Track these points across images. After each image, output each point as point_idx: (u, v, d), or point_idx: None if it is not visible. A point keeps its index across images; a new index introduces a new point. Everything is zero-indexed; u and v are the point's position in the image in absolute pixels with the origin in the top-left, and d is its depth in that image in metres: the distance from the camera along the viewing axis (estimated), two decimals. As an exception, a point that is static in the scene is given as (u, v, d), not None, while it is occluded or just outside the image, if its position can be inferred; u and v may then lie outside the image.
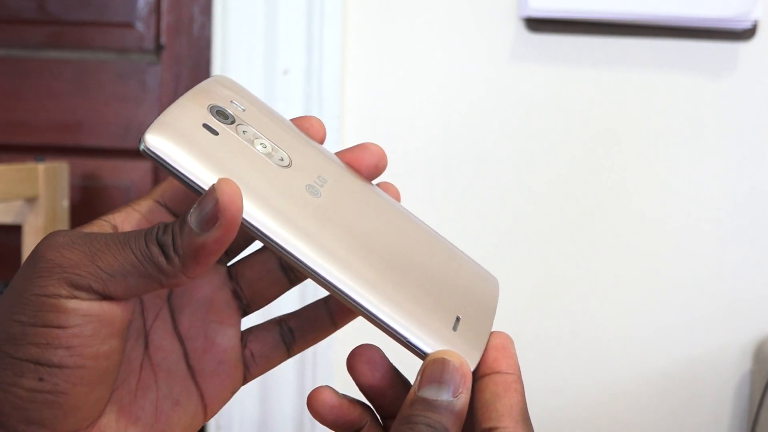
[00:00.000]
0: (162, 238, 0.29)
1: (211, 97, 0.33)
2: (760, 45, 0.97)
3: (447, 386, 0.29)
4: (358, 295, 0.30)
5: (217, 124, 0.32)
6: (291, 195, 0.32)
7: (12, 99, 1.26)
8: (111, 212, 0.33)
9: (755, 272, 1.00)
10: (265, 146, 0.33)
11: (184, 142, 0.30)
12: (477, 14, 0.97)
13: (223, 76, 0.35)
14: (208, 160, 0.30)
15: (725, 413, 1.02)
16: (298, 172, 0.33)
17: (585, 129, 0.99)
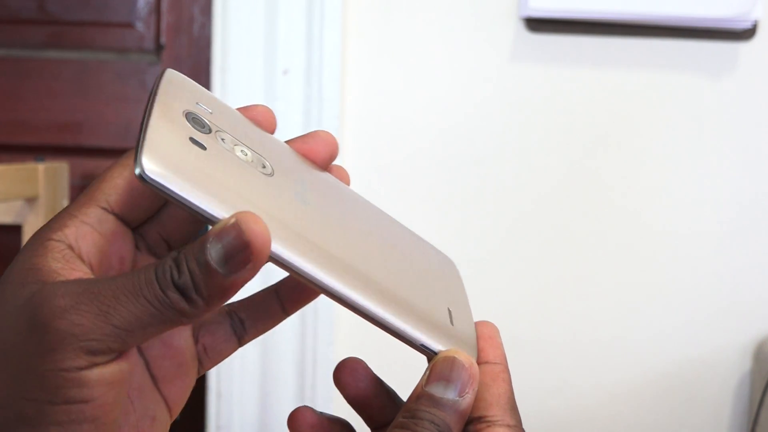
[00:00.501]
0: (180, 281, 0.27)
1: (180, 102, 0.31)
2: (760, 45, 0.97)
3: (454, 385, 0.30)
4: (370, 305, 0.30)
5: (201, 136, 0.30)
6: (292, 211, 0.30)
7: (12, 99, 1.26)
8: (56, 225, 0.30)
9: (755, 272, 1.00)
10: (246, 154, 0.31)
11: (183, 167, 0.27)
12: (477, 14, 0.97)
13: (172, 71, 0.33)
14: (213, 185, 0.28)
15: (725, 413, 1.02)
16: (281, 179, 0.31)
17: (585, 129, 0.99)
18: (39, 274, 0.28)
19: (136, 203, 0.31)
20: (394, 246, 0.35)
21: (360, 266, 0.31)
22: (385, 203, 1.08)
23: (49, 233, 0.30)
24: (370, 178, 0.99)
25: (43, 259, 0.29)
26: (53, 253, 0.29)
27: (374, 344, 0.67)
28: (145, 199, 0.32)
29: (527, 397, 1.00)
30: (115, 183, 0.31)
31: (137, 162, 0.26)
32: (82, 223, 0.30)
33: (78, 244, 0.30)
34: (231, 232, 0.26)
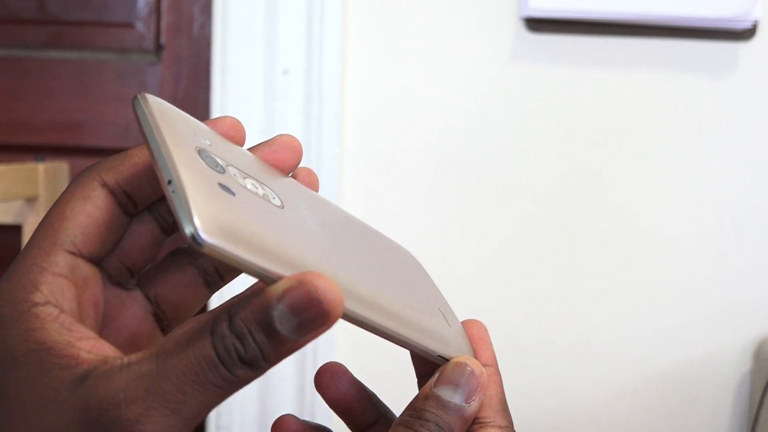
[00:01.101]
0: (248, 356, 0.25)
1: (184, 137, 0.28)
2: (760, 45, 0.97)
3: (462, 391, 0.30)
4: (396, 330, 0.29)
5: (225, 179, 0.27)
6: (319, 248, 0.29)
7: (12, 99, 1.26)
8: (26, 281, 0.27)
9: (755, 272, 1.00)
10: (256, 188, 0.29)
11: (233, 224, 0.25)
12: (477, 14, 0.97)
13: (152, 96, 0.29)
14: (263, 240, 0.25)
15: (725, 413, 1.02)
16: (291, 210, 0.29)
17: (585, 129, 0.99)
18: (55, 355, 0.26)
19: (103, 239, 0.29)
20: (377, 255, 0.34)
21: (375, 293, 0.30)
22: (384, 203, 1.09)
23: (26, 294, 0.27)
24: (370, 178, 0.99)
25: (45, 333, 0.26)
26: (50, 323, 0.26)
27: (374, 344, 0.67)
28: (112, 233, 0.30)
29: (527, 397, 1.01)
30: (78, 221, 0.29)
31: (186, 224, 0.24)
32: (54, 276, 0.27)
33: (61, 303, 0.27)
34: (301, 295, 0.24)
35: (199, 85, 1.27)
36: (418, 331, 0.30)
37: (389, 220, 0.99)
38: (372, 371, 0.75)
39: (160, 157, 0.26)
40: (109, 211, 0.29)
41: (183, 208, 0.24)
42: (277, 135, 0.33)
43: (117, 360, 0.25)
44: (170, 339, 0.26)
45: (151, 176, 0.30)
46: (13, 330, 0.26)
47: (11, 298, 0.27)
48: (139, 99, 0.28)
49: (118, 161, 0.30)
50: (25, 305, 0.27)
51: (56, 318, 0.26)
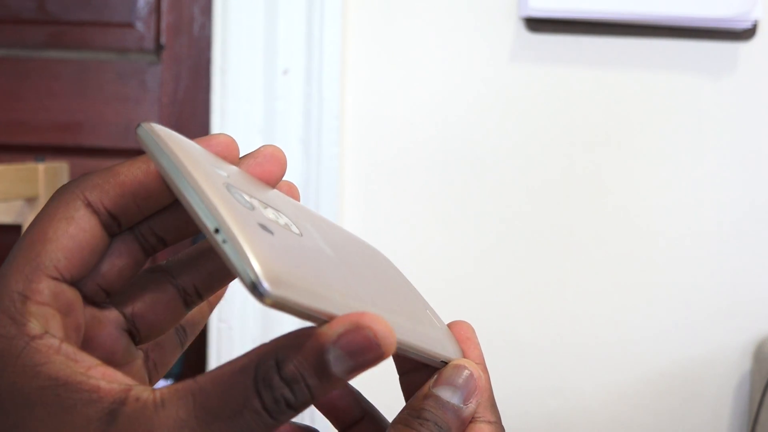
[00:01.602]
0: (297, 402, 0.24)
1: (210, 172, 0.26)
2: (760, 45, 0.97)
3: (461, 392, 0.31)
4: (413, 342, 0.29)
5: (260, 217, 0.26)
6: (346, 277, 0.28)
7: (12, 99, 1.26)
8: (16, 312, 0.25)
9: (755, 272, 1.00)
10: (278, 218, 0.27)
11: (285, 269, 0.24)
12: (477, 14, 0.97)
13: (156, 125, 0.27)
14: (311, 281, 0.25)
15: (725, 413, 1.02)
16: (307, 237, 0.28)
17: (585, 129, 0.99)
18: (74, 390, 0.24)
19: (86, 262, 0.28)
20: (371, 267, 0.34)
21: (395, 315, 0.30)
22: (384, 202, 1.09)
23: (19, 328, 0.25)
24: (370, 178, 0.99)
25: (53, 367, 0.25)
26: (54, 356, 0.25)
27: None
28: (95, 256, 0.28)
29: (527, 397, 1.01)
30: (61, 244, 0.27)
31: (249, 278, 0.23)
32: (38, 305, 0.26)
33: (54, 332, 0.26)
34: (360, 339, 0.24)
35: (199, 85, 1.27)
36: (424, 339, 0.30)
37: (389, 220, 0.99)
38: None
39: (198, 203, 0.24)
40: (93, 233, 0.28)
41: (242, 260, 0.23)
42: (261, 146, 0.31)
43: (144, 392, 0.24)
44: (207, 382, 0.24)
45: (138, 196, 0.28)
46: (16, 367, 0.25)
47: (3, 333, 0.25)
48: (147, 130, 0.27)
49: (103, 179, 0.28)
50: (21, 340, 0.25)
51: (59, 350, 0.25)
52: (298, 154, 0.97)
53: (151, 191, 0.28)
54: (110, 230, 0.29)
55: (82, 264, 0.28)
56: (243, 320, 1.00)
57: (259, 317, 1.00)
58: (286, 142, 0.97)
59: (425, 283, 1.01)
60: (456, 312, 1.09)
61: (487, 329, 1.04)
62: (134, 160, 0.29)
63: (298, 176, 0.97)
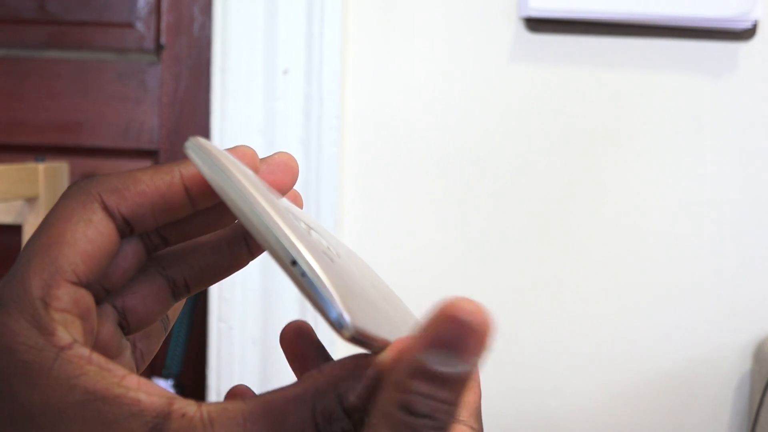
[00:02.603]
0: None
1: (268, 193, 0.26)
2: (760, 45, 0.97)
3: (461, 348, 0.23)
4: None
5: (317, 244, 0.26)
6: (375, 292, 0.29)
7: (12, 99, 1.26)
8: (40, 321, 0.24)
9: (755, 272, 1.00)
10: (321, 241, 0.28)
11: (357, 302, 0.24)
12: (477, 14, 0.98)
13: (203, 140, 0.27)
14: (373, 310, 0.25)
15: (725, 413, 1.02)
16: (344, 260, 0.28)
17: (585, 129, 0.99)
18: (113, 404, 0.23)
19: (102, 266, 0.27)
20: (377, 279, 0.34)
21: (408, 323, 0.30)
22: (384, 202, 1.08)
23: (46, 338, 0.24)
24: (370, 178, 0.99)
25: (88, 380, 0.24)
26: (87, 367, 0.24)
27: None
28: (109, 260, 0.27)
29: (527, 397, 1.01)
30: (80, 248, 0.26)
31: (334, 314, 0.23)
32: (61, 312, 0.25)
33: (79, 340, 0.25)
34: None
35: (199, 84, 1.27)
36: None
37: (389, 220, 0.99)
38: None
39: (272, 234, 0.24)
40: (110, 238, 0.27)
41: (325, 296, 0.23)
42: (275, 153, 0.30)
43: (190, 408, 0.24)
44: (258, 407, 0.24)
45: (157, 208, 0.28)
46: (49, 380, 0.24)
47: (32, 344, 0.24)
48: (197, 146, 0.26)
49: (123, 184, 0.27)
50: (51, 351, 0.24)
51: (90, 360, 0.24)
52: (298, 154, 0.97)
53: (172, 205, 0.28)
54: (122, 234, 0.28)
55: (99, 268, 0.27)
56: (243, 320, 1.00)
57: (259, 317, 1.00)
58: (286, 142, 0.97)
59: (425, 282, 1.01)
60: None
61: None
62: (157, 169, 0.28)
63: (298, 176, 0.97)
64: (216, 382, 1.01)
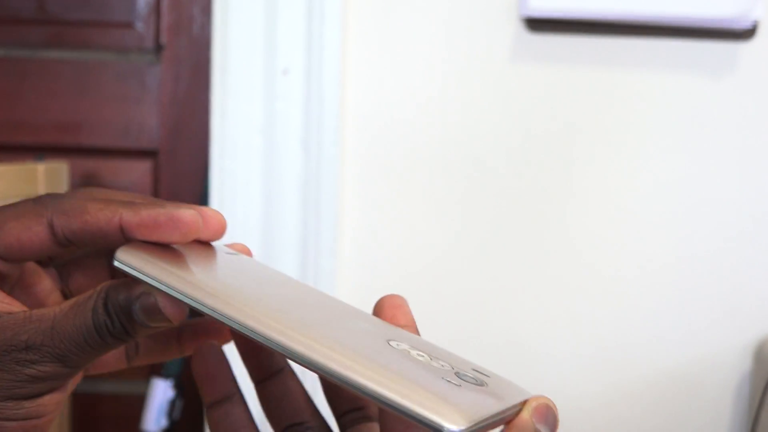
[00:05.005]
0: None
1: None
2: (760, 45, 0.97)
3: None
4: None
5: (445, 373, 0.30)
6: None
7: (12, 99, 1.26)
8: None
9: (755, 272, 1.00)
10: (422, 356, 0.31)
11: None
12: (477, 14, 0.97)
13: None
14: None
15: (725, 413, 1.02)
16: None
17: (584, 129, 0.99)
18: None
19: (26, 258, 0.35)
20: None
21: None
22: (384, 203, 1.08)
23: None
24: (370, 178, 0.99)
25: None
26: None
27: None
28: (41, 256, 0.35)
29: (527, 397, 1.00)
30: (9, 241, 0.34)
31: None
32: None
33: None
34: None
35: (199, 84, 1.27)
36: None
37: (389, 220, 0.99)
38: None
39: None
40: (44, 246, 0.34)
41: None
42: (207, 213, 0.34)
43: (21, 313, 0.32)
44: (67, 302, 0.32)
45: (96, 236, 0.33)
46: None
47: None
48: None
49: (71, 210, 0.33)
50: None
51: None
52: (298, 154, 0.97)
53: (108, 237, 0.33)
54: (62, 245, 0.34)
55: (21, 256, 0.34)
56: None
57: (259, 317, 1.00)
58: (286, 142, 0.97)
59: (425, 283, 1.01)
60: (456, 312, 1.09)
61: (487, 329, 1.04)
62: (106, 205, 0.32)
63: (298, 176, 0.97)
64: (216, 382, 1.00)
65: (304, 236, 0.97)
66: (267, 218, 0.97)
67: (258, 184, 0.97)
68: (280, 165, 0.97)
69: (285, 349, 0.29)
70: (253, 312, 0.29)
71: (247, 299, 0.30)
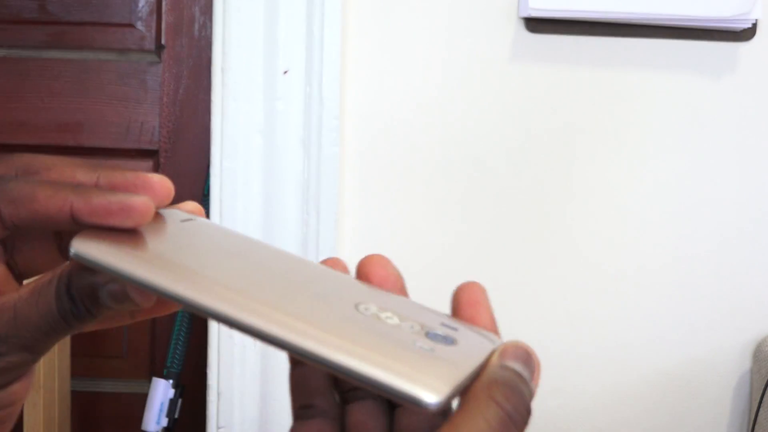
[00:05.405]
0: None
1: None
2: (760, 45, 0.98)
3: (528, 369, 0.33)
4: None
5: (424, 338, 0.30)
6: None
7: (13, 99, 1.26)
8: None
9: (755, 272, 1.00)
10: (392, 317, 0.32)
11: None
12: (477, 14, 0.98)
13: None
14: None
15: (725, 413, 1.02)
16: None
17: (584, 129, 0.99)
18: None
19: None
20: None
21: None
22: (384, 202, 1.08)
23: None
24: (370, 178, 0.99)
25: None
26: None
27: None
28: None
29: (527, 396, 1.00)
30: None
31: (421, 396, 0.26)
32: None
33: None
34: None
35: (199, 84, 1.27)
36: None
37: (389, 220, 1.00)
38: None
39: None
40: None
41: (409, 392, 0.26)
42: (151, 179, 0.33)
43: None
44: (28, 287, 0.32)
45: (44, 224, 0.32)
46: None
47: None
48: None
49: (19, 198, 0.32)
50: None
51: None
52: (298, 154, 0.97)
53: (58, 224, 0.32)
54: (8, 229, 0.33)
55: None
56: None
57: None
58: (286, 142, 0.97)
59: (425, 282, 1.01)
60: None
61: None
62: (56, 191, 0.31)
63: (298, 176, 0.97)
64: (216, 382, 1.01)
65: (304, 236, 0.97)
66: (267, 218, 0.98)
67: (258, 184, 0.97)
68: (280, 165, 0.97)
69: (250, 329, 0.28)
70: (220, 293, 0.29)
71: (210, 279, 0.29)
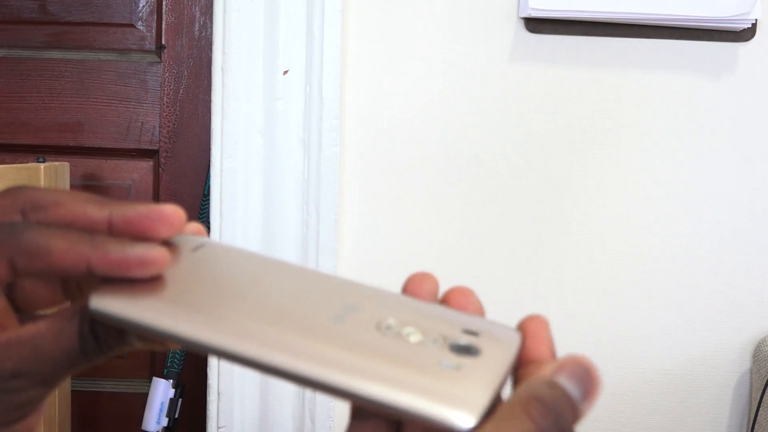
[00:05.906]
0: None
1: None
2: (760, 45, 0.98)
3: (582, 388, 0.31)
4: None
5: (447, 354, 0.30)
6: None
7: (13, 99, 1.26)
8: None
9: (755, 272, 1.00)
10: (416, 335, 0.32)
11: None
12: (477, 14, 0.98)
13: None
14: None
15: (724, 412, 1.02)
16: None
17: (584, 129, 0.99)
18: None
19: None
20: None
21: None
22: (384, 202, 1.08)
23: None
24: (370, 178, 0.99)
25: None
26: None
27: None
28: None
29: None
30: None
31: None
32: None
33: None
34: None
35: (199, 84, 1.27)
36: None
37: (389, 220, 1.00)
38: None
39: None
40: (1, 279, 0.32)
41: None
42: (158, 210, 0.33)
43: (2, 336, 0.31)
44: (41, 324, 0.31)
45: (57, 274, 0.31)
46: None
47: None
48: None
49: (35, 251, 0.31)
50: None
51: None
52: (298, 154, 0.97)
53: (73, 275, 0.31)
54: (19, 276, 0.32)
55: None
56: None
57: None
58: (286, 142, 0.97)
59: (425, 282, 1.01)
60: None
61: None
62: (69, 245, 0.31)
63: (298, 176, 0.97)
64: (216, 381, 1.01)
65: (304, 236, 0.98)
66: (267, 218, 0.98)
67: (258, 184, 0.97)
68: (280, 165, 0.97)
69: (282, 373, 0.29)
70: (241, 339, 0.29)
71: (232, 322, 0.30)
